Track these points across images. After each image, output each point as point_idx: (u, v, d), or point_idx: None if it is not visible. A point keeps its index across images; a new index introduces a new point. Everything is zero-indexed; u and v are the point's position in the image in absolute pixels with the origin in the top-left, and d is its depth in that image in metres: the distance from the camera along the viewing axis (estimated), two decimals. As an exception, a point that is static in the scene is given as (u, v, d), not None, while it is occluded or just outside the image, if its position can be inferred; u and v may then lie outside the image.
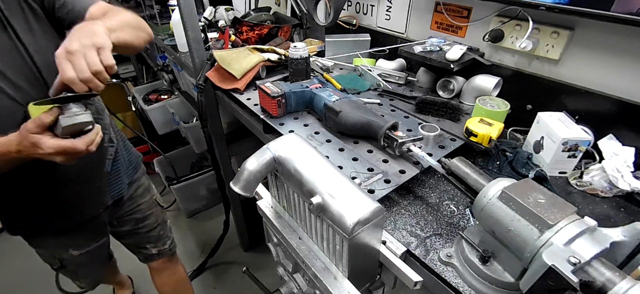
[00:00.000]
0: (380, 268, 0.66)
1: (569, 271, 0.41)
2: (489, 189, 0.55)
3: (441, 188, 0.79)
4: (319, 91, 0.99)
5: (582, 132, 0.78)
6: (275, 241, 0.76)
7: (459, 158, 0.66)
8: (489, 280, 0.56)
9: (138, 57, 2.82)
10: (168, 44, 1.73)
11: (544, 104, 0.93)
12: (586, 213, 0.70)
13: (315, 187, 0.56)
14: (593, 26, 0.85)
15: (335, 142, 0.88)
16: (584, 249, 0.44)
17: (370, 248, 0.59)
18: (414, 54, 1.10)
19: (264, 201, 0.77)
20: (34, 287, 1.92)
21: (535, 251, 0.47)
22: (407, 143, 0.77)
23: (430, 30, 1.24)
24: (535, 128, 0.85)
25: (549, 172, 0.80)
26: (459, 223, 0.70)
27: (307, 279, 0.69)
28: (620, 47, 0.82)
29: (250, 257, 2.09)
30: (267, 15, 1.68)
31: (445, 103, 0.99)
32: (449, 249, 0.63)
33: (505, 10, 1.00)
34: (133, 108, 2.64)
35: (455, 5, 1.13)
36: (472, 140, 0.84)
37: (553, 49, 0.92)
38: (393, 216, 0.72)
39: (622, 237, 0.47)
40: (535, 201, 0.49)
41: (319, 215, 0.56)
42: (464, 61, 1.03)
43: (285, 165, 0.61)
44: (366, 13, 1.47)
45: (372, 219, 0.53)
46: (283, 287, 0.84)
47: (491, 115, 0.90)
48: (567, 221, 0.47)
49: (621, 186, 0.72)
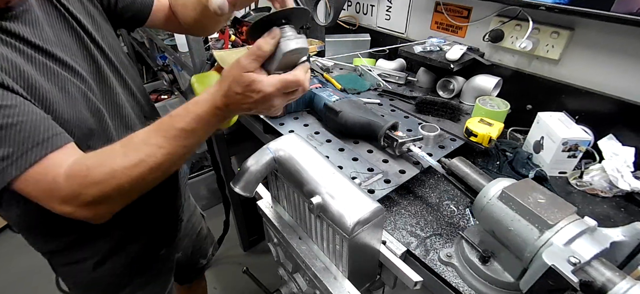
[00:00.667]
0: (380, 268, 0.66)
1: (569, 271, 0.41)
2: (489, 189, 0.55)
3: (441, 188, 0.79)
4: (319, 91, 0.99)
5: (582, 132, 0.78)
6: (275, 241, 0.76)
7: (459, 158, 0.66)
8: (489, 280, 0.56)
9: (138, 57, 2.82)
10: (168, 44, 1.73)
11: (544, 104, 0.93)
12: (586, 213, 0.70)
13: (315, 187, 0.56)
14: (593, 26, 0.85)
15: (335, 142, 0.88)
16: (584, 249, 0.44)
17: (370, 248, 0.59)
18: (414, 54, 1.10)
19: (264, 201, 0.77)
20: (34, 287, 1.92)
21: (535, 251, 0.47)
22: (407, 143, 0.77)
23: (430, 30, 1.24)
24: (535, 128, 0.85)
25: (549, 172, 0.80)
26: (459, 223, 0.70)
27: (307, 279, 0.69)
28: (620, 47, 0.82)
29: (250, 257, 2.09)
30: (267, 15, 1.68)
31: (445, 103, 0.99)
32: (449, 250, 0.63)
33: (505, 10, 1.00)
34: (133, 108, 2.64)
35: (455, 5, 1.13)
36: (472, 140, 0.84)
37: (553, 48, 0.92)
38: (393, 216, 0.72)
39: (622, 237, 0.47)
40: (535, 201, 0.49)
41: (319, 215, 0.56)
42: (464, 61, 1.03)
43: (285, 165, 0.61)
44: (366, 13, 1.47)
45: (372, 219, 0.53)
46: (283, 287, 0.84)
47: (491, 115, 0.90)
48: (567, 221, 0.47)
49: (621, 186, 0.72)
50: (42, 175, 0.49)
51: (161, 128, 0.51)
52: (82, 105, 0.59)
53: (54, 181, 0.49)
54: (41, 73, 0.54)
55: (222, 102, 0.49)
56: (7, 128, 0.46)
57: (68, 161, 0.50)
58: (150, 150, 0.50)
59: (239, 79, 0.47)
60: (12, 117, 0.47)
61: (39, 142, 0.48)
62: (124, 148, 0.51)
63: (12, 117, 0.47)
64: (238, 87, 0.47)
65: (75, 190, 0.49)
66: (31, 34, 0.55)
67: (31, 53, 0.54)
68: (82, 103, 0.59)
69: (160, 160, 0.51)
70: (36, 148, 0.48)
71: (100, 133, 0.63)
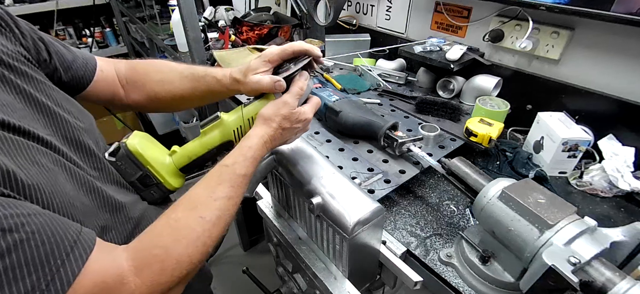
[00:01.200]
0: (380, 268, 0.66)
1: (569, 271, 0.41)
2: (489, 189, 0.55)
3: (441, 188, 0.79)
4: (319, 91, 0.99)
5: (582, 132, 0.78)
6: (275, 241, 0.76)
7: (459, 158, 0.66)
8: (489, 280, 0.56)
9: (138, 56, 2.82)
10: (168, 44, 1.73)
11: (544, 104, 0.93)
12: (586, 213, 0.70)
13: (315, 187, 0.56)
14: (593, 26, 0.85)
15: (335, 142, 0.88)
16: (584, 249, 0.44)
17: (370, 248, 0.59)
18: (414, 54, 1.10)
19: (264, 201, 0.77)
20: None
21: (535, 251, 0.47)
22: (407, 143, 0.77)
23: (430, 30, 1.24)
24: (535, 128, 0.85)
25: (549, 172, 0.80)
26: (459, 223, 0.70)
27: (307, 279, 0.69)
28: (620, 47, 0.82)
29: (250, 257, 2.09)
30: (267, 15, 1.68)
31: (445, 103, 0.99)
32: (449, 250, 0.63)
33: (505, 10, 1.00)
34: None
35: (455, 5, 1.13)
36: (472, 140, 0.84)
37: (553, 48, 0.92)
38: (393, 216, 0.72)
39: (622, 237, 0.47)
40: (535, 201, 0.49)
41: (319, 215, 0.56)
42: (464, 61, 1.03)
43: (285, 165, 0.61)
44: (366, 13, 1.47)
45: (372, 219, 0.53)
46: (283, 287, 0.84)
47: (491, 115, 0.90)
48: (567, 221, 0.47)
49: (621, 186, 0.72)
50: (100, 284, 0.36)
51: (223, 178, 0.49)
52: (63, 178, 0.43)
53: (119, 283, 0.38)
54: (9, 152, 0.37)
55: (271, 141, 0.53)
56: (15, 249, 0.31)
57: (114, 254, 0.39)
58: (222, 204, 0.47)
59: (289, 117, 0.53)
60: (18, 231, 0.31)
61: (69, 246, 0.35)
62: (193, 212, 0.45)
63: (17, 231, 0.31)
64: (288, 123, 0.54)
65: (154, 281, 0.40)
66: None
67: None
68: (62, 176, 0.43)
69: (232, 212, 0.49)
70: (72, 255, 0.35)
71: (94, 210, 0.46)
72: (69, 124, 0.48)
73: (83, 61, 0.58)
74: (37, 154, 0.40)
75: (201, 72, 0.62)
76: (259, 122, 0.53)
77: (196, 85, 0.62)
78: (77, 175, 0.45)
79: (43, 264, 0.33)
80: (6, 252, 0.30)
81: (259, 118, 0.53)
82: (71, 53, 0.56)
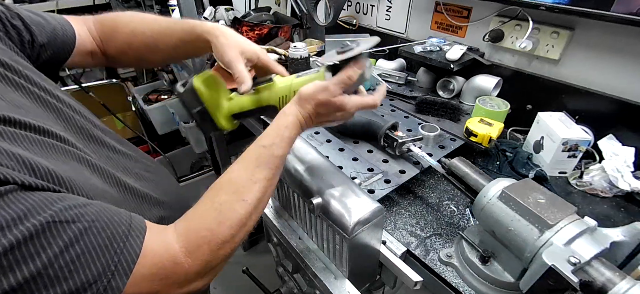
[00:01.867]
0: (380, 268, 0.66)
1: (569, 271, 0.41)
2: (489, 189, 0.55)
3: (441, 188, 0.79)
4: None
5: (582, 132, 0.78)
6: (275, 241, 0.76)
7: (459, 158, 0.66)
8: (489, 280, 0.56)
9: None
10: (168, 44, 1.73)
11: (544, 104, 0.93)
12: (586, 213, 0.70)
13: (315, 187, 0.56)
14: (593, 26, 0.85)
15: (335, 142, 0.88)
16: (584, 249, 0.44)
17: (370, 248, 0.59)
18: (414, 54, 1.10)
19: (264, 201, 0.77)
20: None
21: (535, 251, 0.47)
22: (407, 143, 0.77)
23: (430, 30, 1.24)
24: (535, 128, 0.85)
25: (549, 172, 0.80)
26: (459, 223, 0.70)
27: (307, 279, 0.69)
28: (620, 47, 0.82)
29: (250, 257, 2.09)
30: (267, 15, 1.68)
31: (445, 103, 0.99)
32: (449, 250, 0.63)
33: (505, 10, 1.00)
34: (133, 108, 2.63)
35: (455, 5, 1.13)
36: (472, 140, 0.84)
37: (553, 48, 0.92)
38: (393, 216, 0.72)
39: (622, 237, 0.47)
40: (535, 201, 0.49)
41: (319, 215, 0.56)
42: (464, 61, 1.03)
43: (285, 165, 0.61)
44: (366, 13, 1.47)
45: (372, 219, 0.53)
46: (283, 287, 0.84)
47: (491, 115, 0.90)
48: (567, 221, 0.47)
49: (621, 186, 0.72)
50: (158, 264, 0.39)
51: (262, 160, 0.49)
52: (88, 172, 0.45)
53: (174, 264, 0.40)
54: (39, 152, 0.39)
55: (305, 123, 0.52)
56: (82, 237, 0.33)
57: (164, 236, 0.42)
58: (262, 186, 0.48)
59: (327, 103, 0.50)
60: (79, 221, 0.34)
61: (125, 231, 0.37)
62: (236, 195, 0.46)
63: (79, 220, 0.34)
64: (324, 109, 0.51)
65: (204, 260, 0.42)
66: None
67: (10, 131, 0.37)
68: (87, 170, 0.45)
69: (270, 193, 0.50)
70: (130, 239, 0.37)
71: (121, 200, 0.49)
72: (75, 119, 0.50)
73: (62, 31, 0.58)
74: (61, 151, 0.42)
75: (171, 20, 0.64)
76: (295, 99, 0.52)
77: (167, 31, 0.64)
78: (97, 167, 0.47)
79: (108, 249, 0.35)
80: (74, 241, 0.33)
81: (297, 95, 0.52)
82: (50, 24, 0.56)
